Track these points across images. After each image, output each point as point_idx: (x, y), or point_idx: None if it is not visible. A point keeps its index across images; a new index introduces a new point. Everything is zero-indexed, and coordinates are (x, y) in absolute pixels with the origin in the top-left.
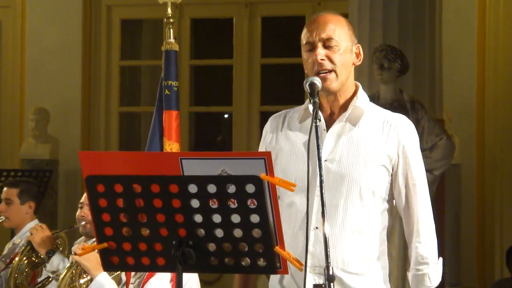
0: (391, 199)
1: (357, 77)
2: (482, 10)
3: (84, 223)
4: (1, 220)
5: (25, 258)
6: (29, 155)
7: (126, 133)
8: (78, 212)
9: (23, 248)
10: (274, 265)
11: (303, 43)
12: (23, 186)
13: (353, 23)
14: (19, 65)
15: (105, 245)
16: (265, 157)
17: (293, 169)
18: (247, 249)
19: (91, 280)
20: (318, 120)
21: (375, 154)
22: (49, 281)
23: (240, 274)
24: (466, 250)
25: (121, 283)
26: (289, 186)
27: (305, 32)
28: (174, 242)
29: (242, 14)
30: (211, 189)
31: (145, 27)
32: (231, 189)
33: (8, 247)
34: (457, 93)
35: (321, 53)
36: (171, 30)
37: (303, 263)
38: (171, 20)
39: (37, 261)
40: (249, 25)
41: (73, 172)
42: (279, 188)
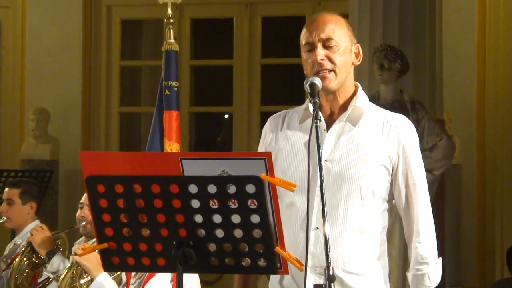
0: (391, 199)
1: (357, 77)
2: (482, 10)
3: (84, 223)
4: (3, 220)
5: (25, 258)
6: (29, 155)
7: (126, 133)
8: (78, 212)
9: (23, 248)
10: (274, 266)
11: (303, 43)
12: (25, 186)
13: (353, 23)
14: (19, 65)
15: (105, 245)
16: (266, 157)
17: (293, 169)
18: (247, 250)
19: (92, 280)
20: (318, 120)
21: (375, 154)
22: (49, 281)
23: (240, 274)
24: (466, 250)
25: (122, 284)
26: (289, 186)
27: (304, 32)
28: (174, 242)
29: (242, 14)
30: (212, 189)
31: (145, 27)
32: (232, 189)
33: (9, 247)
34: (457, 93)
35: (321, 53)
36: (171, 30)
37: (303, 263)
38: (171, 20)
39: (37, 261)
40: (249, 25)
41: (73, 172)
42: (279, 188)
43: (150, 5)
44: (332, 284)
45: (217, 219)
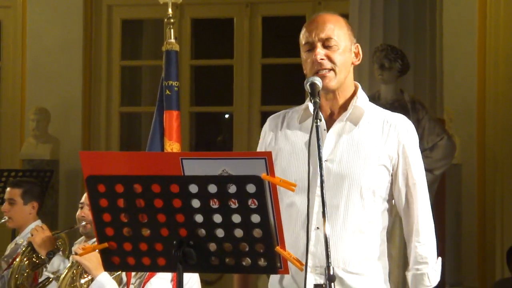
0: (391, 199)
1: (357, 77)
2: (482, 10)
3: (84, 223)
4: (4, 220)
5: (25, 259)
6: (29, 155)
7: (126, 133)
8: (78, 212)
9: (23, 249)
10: (274, 265)
11: (302, 43)
12: (27, 186)
13: (354, 23)
14: (19, 65)
15: (105, 245)
16: (266, 157)
17: (293, 169)
18: (247, 249)
19: (92, 280)
20: (318, 120)
21: (376, 154)
22: (49, 281)
23: (239, 274)
24: (466, 250)
25: (122, 283)
26: (290, 186)
27: (304, 32)
28: (174, 242)
29: (242, 14)
30: (212, 189)
31: (146, 27)
32: (232, 189)
33: (10, 247)
34: (457, 93)
35: (321, 52)
36: (172, 30)
37: (304, 263)
38: (172, 20)
39: (37, 261)
40: (250, 25)
41: (73, 172)
42: (279, 188)
43: (150, 5)
44: (332, 283)
45: (218, 218)
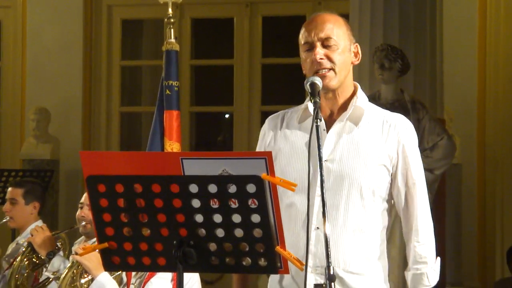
0: (390, 199)
1: (358, 76)
2: (483, 9)
3: (84, 223)
4: (6, 220)
5: (25, 259)
6: (30, 155)
7: (127, 133)
8: (78, 212)
9: (23, 249)
10: (275, 265)
11: (302, 43)
12: (28, 186)
13: (354, 23)
14: (19, 65)
15: (106, 245)
16: (266, 157)
17: (293, 169)
18: (248, 249)
19: (92, 279)
20: (319, 120)
21: (376, 153)
22: (49, 281)
23: (239, 275)
24: (467, 249)
25: (122, 283)
26: (290, 186)
27: (303, 32)
28: (175, 242)
29: (242, 14)
30: (212, 189)
31: (146, 27)
32: (232, 189)
33: (11, 247)
34: (458, 92)
35: (320, 52)
36: (172, 30)
37: (304, 263)
38: (172, 20)
39: (37, 262)
40: (250, 25)
41: (74, 172)
42: (278, 188)
43: (150, 4)
44: (332, 283)
45: (218, 218)
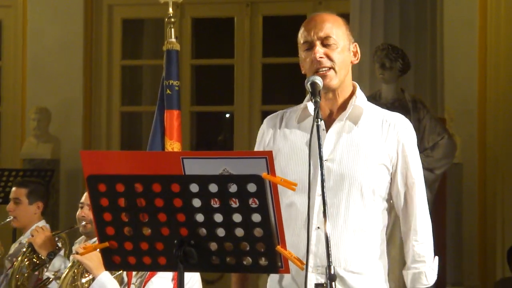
0: (390, 198)
1: (358, 76)
2: (483, 9)
3: (84, 223)
4: (9, 219)
5: (26, 259)
6: (30, 154)
7: (127, 132)
8: (78, 212)
9: (24, 249)
10: (275, 264)
11: (301, 42)
12: (32, 186)
13: (355, 23)
14: (20, 65)
15: (106, 244)
16: (267, 156)
17: (293, 169)
18: (248, 249)
19: (93, 279)
20: (319, 119)
21: (376, 153)
22: (49, 281)
23: (238, 274)
24: (467, 249)
25: (123, 283)
26: (291, 185)
27: (302, 31)
28: (175, 241)
29: (243, 13)
30: (213, 188)
31: (147, 27)
32: (233, 188)
33: (14, 246)
34: (458, 92)
35: (320, 51)
36: (172, 29)
37: (304, 262)
38: (172, 19)
39: (38, 262)
40: (250, 25)
41: (74, 171)
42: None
43: (151, 4)
44: (333, 283)
45: (218, 218)
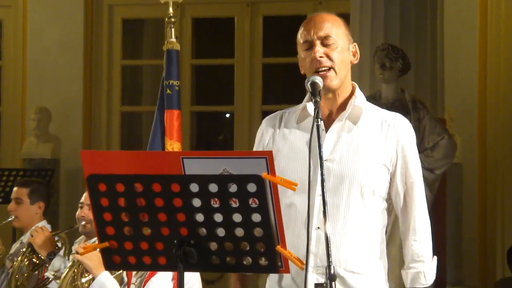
0: (389, 198)
1: (358, 76)
2: (483, 9)
3: (84, 223)
4: (11, 219)
5: (26, 259)
6: (30, 154)
7: (127, 132)
8: (78, 212)
9: (24, 249)
10: (275, 264)
11: (300, 42)
12: (34, 186)
13: (355, 23)
14: (20, 65)
15: (106, 244)
16: (267, 156)
17: (292, 170)
18: (248, 248)
19: (93, 279)
20: (319, 119)
21: (375, 153)
22: (49, 281)
23: (237, 275)
24: (467, 249)
25: (123, 283)
26: (291, 185)
27: (302, 31)
28: (175, 241)
29: (243, 13)
30: (213, 188)
31: (147, 27)
32: (233, 188)
33: (15, 246)
34: (458, 92)
35: (320, 50)
36: (173, 29)
37: (304, 262)
38: (173, 19)
39: (37, 262)
40: (251, 25)
41: (74, 171)
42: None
43: (151, 4)
44: (333, 283)
45: (218, 218)
